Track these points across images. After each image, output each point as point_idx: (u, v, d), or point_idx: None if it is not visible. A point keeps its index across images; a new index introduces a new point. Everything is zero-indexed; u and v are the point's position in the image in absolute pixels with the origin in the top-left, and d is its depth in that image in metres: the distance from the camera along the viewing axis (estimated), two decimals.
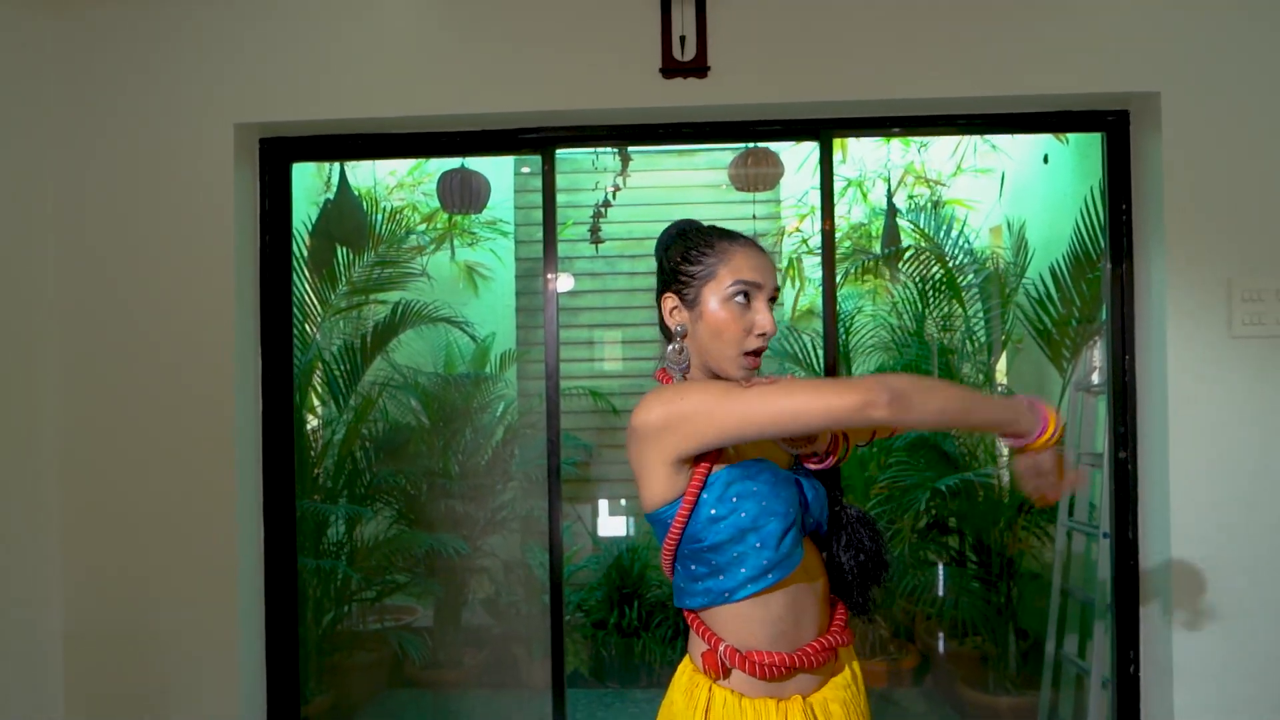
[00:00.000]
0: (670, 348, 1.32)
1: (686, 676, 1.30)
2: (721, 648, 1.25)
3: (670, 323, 1.33)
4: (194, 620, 2.66)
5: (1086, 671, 2.96)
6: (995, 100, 2.65)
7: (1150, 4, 2.54)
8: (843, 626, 1.32)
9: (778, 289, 1.36)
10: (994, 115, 2.75)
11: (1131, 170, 2.69)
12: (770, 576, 1.22)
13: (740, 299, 1.30)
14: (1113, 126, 2.71)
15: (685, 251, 1.35)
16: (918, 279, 3.69)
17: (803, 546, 1.27)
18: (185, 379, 2.65)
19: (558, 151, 2.84)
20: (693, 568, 1.26)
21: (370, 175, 4.04)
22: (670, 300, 1.34)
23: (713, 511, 1.22)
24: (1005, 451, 1.11)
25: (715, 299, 1.29)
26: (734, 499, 1.22)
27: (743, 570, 1.22)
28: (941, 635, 3.68)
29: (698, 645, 1.30)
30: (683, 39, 2.59)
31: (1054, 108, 2.70)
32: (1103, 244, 2.81)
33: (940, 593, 3.64)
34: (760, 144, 3.53)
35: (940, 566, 3.70)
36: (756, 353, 1.30)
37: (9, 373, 2.53)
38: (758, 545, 1.21)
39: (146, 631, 2.66)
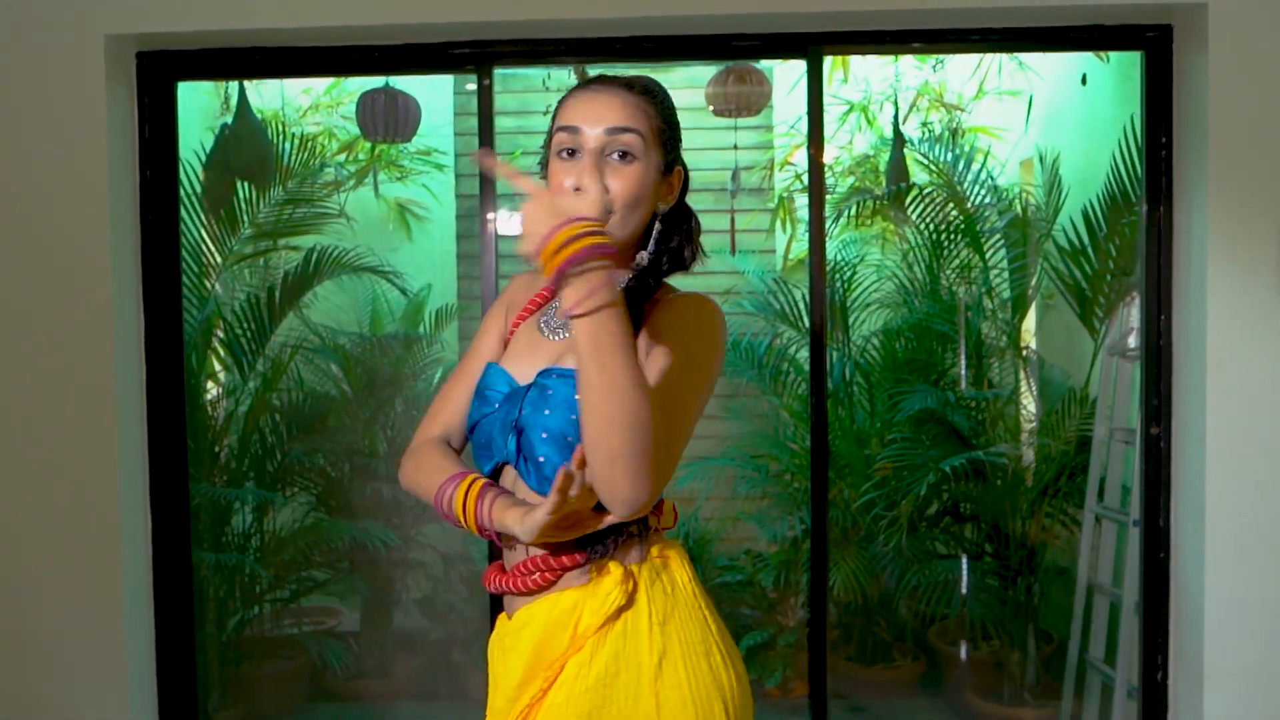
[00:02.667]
0: None
1: None
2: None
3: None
4: (73, 622, 2.72)
5: (1112, 679, 3.09)
6: (1017, 11, 2.69)
7: None
8: (513, 577, 1.31)
9: (629, 130, 1.29)
10: (1016, 29, 2.80)
11: (1174, 96, 2.76)
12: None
13: (564, 154, 1.30)
14: (1153, 44, 2.76)
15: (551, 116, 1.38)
16: (929, 223, 3.76)
17: (485, 466, 1.37)
18: (53, 342, 2.69)
19: (497, 70, 2.88)
20: None
21: (278, 95, 4.05)
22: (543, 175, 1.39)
23: None
24: None
25: (551, 158, 1.33)
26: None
27: None
28: (952, 638, 3.81)
29: None
30: None
31: (1086, 21, 2.75)
32: (1141, 183, 2.88)
33: (963, 590, 3.77)
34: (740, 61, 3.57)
35: (963, 559, 3.83)
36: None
37: None
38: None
39: (19, 637, 2.73)
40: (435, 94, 4.14)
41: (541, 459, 1.27)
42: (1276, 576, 2.62)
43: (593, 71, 3.85)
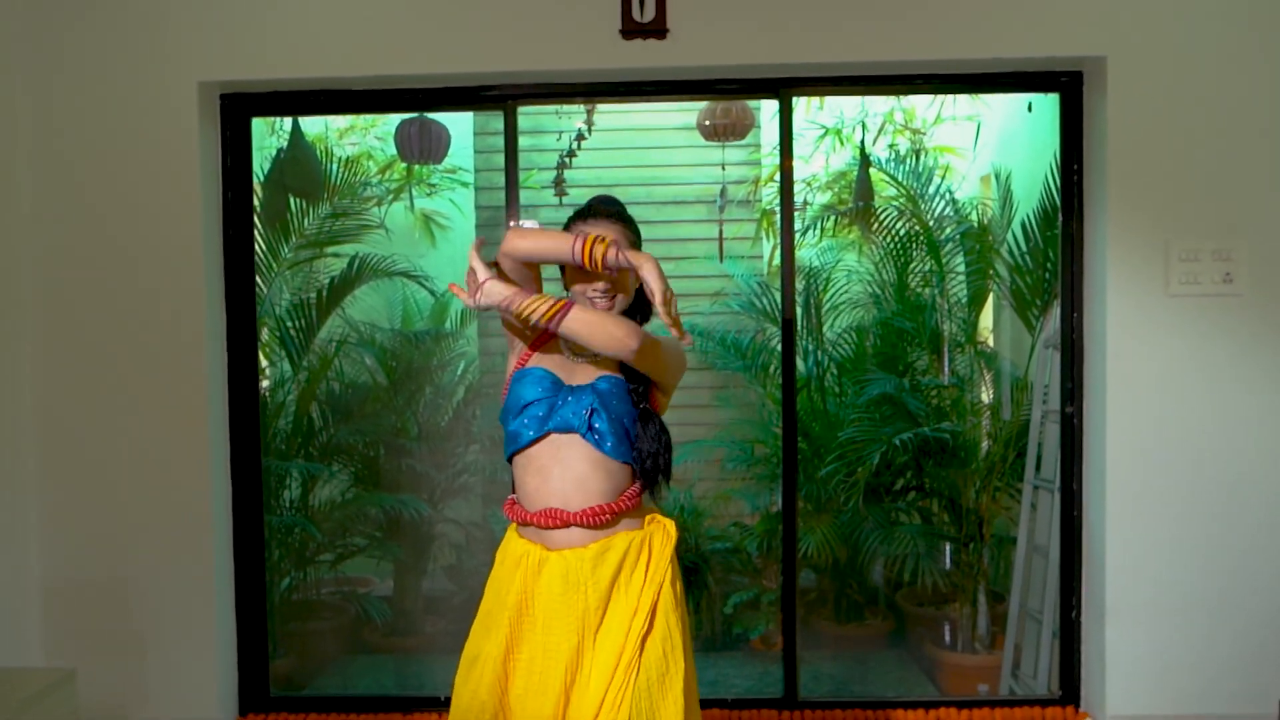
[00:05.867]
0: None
1: None
2: (506, 502, 2.14)
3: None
4: (171, 574, 3.35)
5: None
6: (955, 62, 3.29)
7: None
8: (592, 512, 1.97)
9: (624, 239, 2.06)
10: (955, 75, 3.40)
11: (1083, 131, 3.37)
12: (509, 449, 2.06)
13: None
14: (1067, 88, 3.37)
15: None
16: (893, 235, 4.36)
17: (533, 434, 2.01)
18: (156, 337, 3.31)
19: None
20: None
21: (321, 120, 4.64)
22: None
23: (502, 401, 2.12)
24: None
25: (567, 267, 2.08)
26: (508, 394, 2.09)
27: (505, 439, 2.09)
28: (917, 599, 4.41)
29: None
30: (642, 1, 3.22)
31: (1011, 68, 3.35)
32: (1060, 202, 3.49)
33: (947, 564, 4.36)
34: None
35: (947, 546, 4.43)
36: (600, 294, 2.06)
37: None
38: (506, 425, 2.07)
39: (126, 585, 3.35)
40: (458, 119, 4.71)
41: (601, 429, 1.99)
42: (1164, 528, 3.23)
43: (598, 98, 4.48)
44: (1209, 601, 3.24)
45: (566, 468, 2.01)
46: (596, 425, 1.99)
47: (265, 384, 4.35)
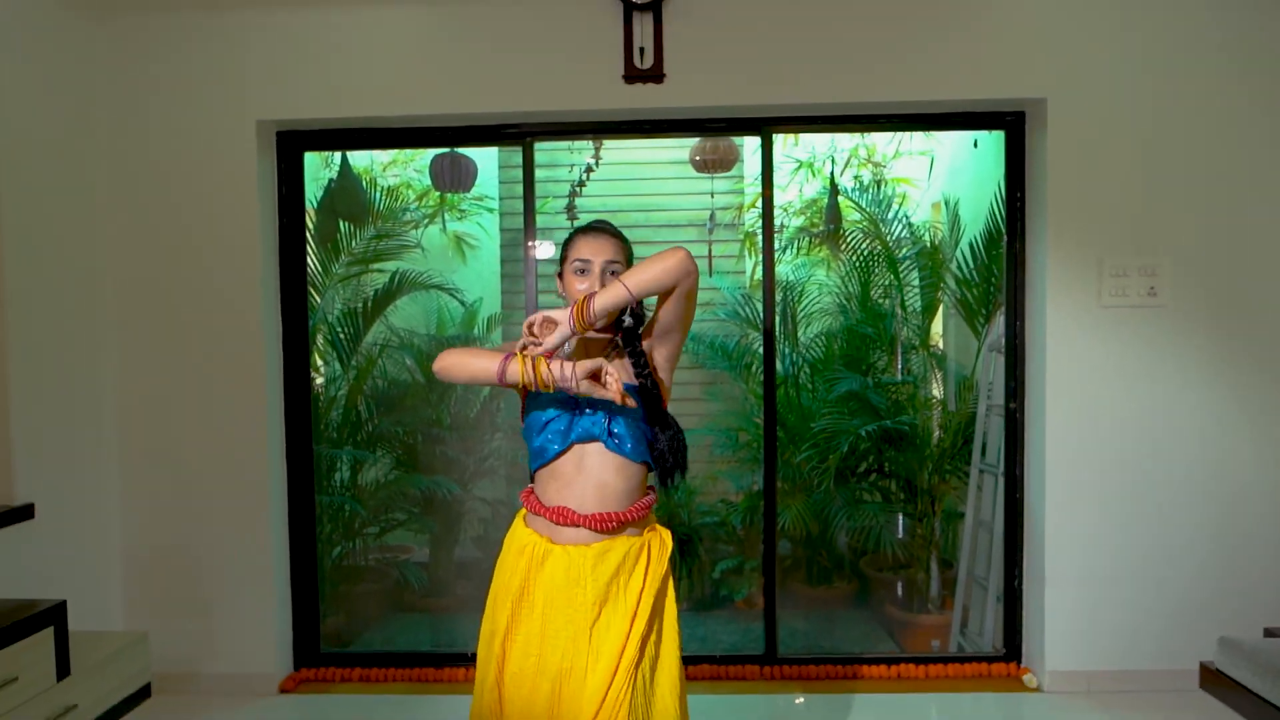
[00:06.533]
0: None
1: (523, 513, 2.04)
2: (524, 491, 2.02)
3: (560, 292, 2.02)
4: (233, 546, 3.28)
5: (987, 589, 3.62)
6: (913, 103, 3.22)
7: (1043, 24, 3.11)
8: (600, 518, 1.88)
9: (617, 261, 1.95)
10: (913, 115, 3.33)
11: (1025, 163, 3.29)
12: (535, 463, 1.95)
13: (579, 272, 1.94)
14: (1011, 125, 3.29)
15: (562, 246, 2.04)
16: (858, 254, 4.28)
17: (558, 447, 1.90)
18: (222, 342, 3.24)
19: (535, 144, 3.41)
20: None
21: (367, 154, 4.57)
22: (559, 281, 2.02)
23: (521, 420, 2.01)
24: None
25: (567, 273, 1.97)
26: (526, 413, 1.98)
27: (530, 454, 1.98)
28: (878, 566, 4.34)
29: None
30: (642, 50, 3.14)
31: (963, 109, 3.28)
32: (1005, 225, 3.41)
33: (899, 533, 4.29)
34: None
35: (899, 518, 4.36)
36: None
37: (76, 352, 3.10)
38: (530, 443, 1.96)
39: (197, 557, 3.28)
40: (483, 152, 4.64)
41: (620, 434, 1.90)
42: (1095, 508, 3.16)
43: (604, 128, 4.40)
44: (1134, 571, 3.16)
45: (588, 475, 1.91)
46: (615, 431, 1.90)
47: (319, 381, 4.29)
